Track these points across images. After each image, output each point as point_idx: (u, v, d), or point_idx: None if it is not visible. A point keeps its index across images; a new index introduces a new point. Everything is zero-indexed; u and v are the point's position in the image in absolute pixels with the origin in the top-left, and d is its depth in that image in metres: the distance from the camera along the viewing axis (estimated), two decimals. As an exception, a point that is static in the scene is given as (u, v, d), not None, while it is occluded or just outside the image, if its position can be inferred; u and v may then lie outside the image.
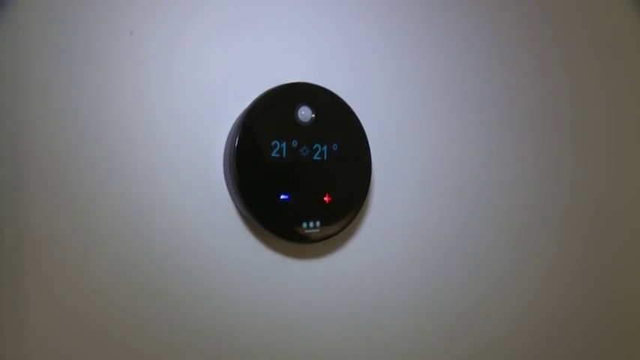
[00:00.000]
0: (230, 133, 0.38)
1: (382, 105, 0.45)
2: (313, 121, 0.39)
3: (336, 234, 0.40)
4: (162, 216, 0.36)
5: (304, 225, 0.38)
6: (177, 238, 0.37)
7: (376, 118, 0.44)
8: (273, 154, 0.38)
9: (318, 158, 0.39)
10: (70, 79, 0.34)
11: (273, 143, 0.38)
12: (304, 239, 0.39)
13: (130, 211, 0.36)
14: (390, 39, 0.45)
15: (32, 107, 0.33)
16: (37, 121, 0.33)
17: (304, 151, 0.39)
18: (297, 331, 0.41)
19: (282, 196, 0.38)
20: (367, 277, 0.43)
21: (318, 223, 0.39)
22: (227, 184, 0.38)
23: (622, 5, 0.59)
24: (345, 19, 0.43)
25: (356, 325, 0.43)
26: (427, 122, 0.47)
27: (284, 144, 0.38)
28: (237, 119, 0.38)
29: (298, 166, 0.38)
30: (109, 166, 0.35)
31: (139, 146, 0.36)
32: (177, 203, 0.37)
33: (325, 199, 0.39)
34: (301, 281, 0.41)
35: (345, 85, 0.42)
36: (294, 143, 0.38)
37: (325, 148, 0.40)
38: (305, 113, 0.39)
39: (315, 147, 0.39)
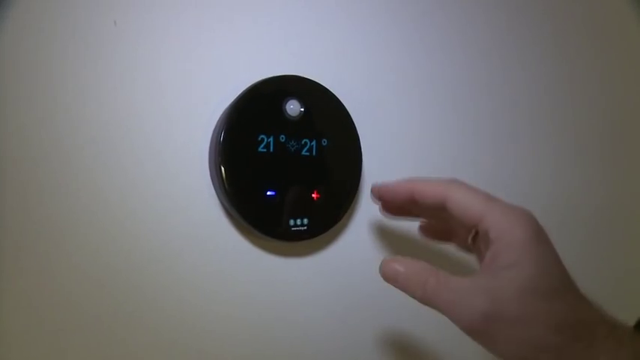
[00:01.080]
0: (216, 126, 0.37)
1: (374, 99, 0.44)
2: (302, 115, 0.38)
3: (324, 232, 0.39)
4: (145, 212, 0.35)
5: (291, 222, 0.37)
6: (161, 235, 0.36)
7: (367, 112, 0.42)
8: (260, 149, 0.36)
9: (307, 154, 0.38)
10: (50, 71, 0.33)
11: (260, 138, 0.36)
12: (291, 237, 0.38)
13: (112, 206, 0.34)
14: (383, 32, 0.44)
15: (10, 101, 0.32)
16: (15, 115, 0.32)
17: (292, 146, 0.38)
18: (283, 330, 0.40)
19: (268, 193, 0.37)
20: (355, 275, 0.42)
21: (305, 220, 0.38)
22: (212, 180, 0.37)
23: (622, 5, 0.58)
24: (336, 11, 0.42)
25: (344, 324, 0.42)
26: (420, 117, 0.46)
27: (271, 138, 0.37)
28: (223, 112, 0.37)
29: (286, 161, 0.37)
30: (90, 161, 0.34)
31: (121, 140, 0.35)
32: (161, 199, 0.36)
33: (313, 195, 0.38)
34: (288, 279, 0.40)
35: (335, 78, 0.41)
36: (282, 138, 0.37)
37: (314, 143, 0.38)
38: (293, 107, 0.38)
39: (303, 142, 0.38)
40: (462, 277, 0.29)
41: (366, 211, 0.43)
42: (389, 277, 0.32)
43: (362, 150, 0.41)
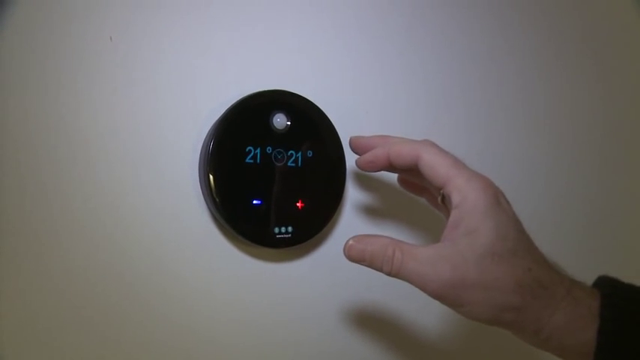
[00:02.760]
0: (206, 137, 0.39)
1: (358, 112, 0.45)
2: (288, 128, 0.40)
3: (307, 239, 0.41)
4: (136, 219, 0.37)
5: (276, 230, 0.39)
6: (151, 241, 0.37)
7: (352, 125, 0.44)
8: (247, 160, 0.38)
9: (293, 165, 0.40)
10: (47, 83, 0.35)
11: (248, 149, 0.38)
12: (276, 244, 0.39)
13: (104, 213, 0.36)
14: (368, 46, 0.46)
15: (8, 111, 0.34)
16: (12, 124, 0.34)
17: (278, 157, 0.39)
18: (268, 334, 0.41)
19: (254, 201, 0.38)
20: (338, 283, 0.44)
21: (290, 229, 0.40)
22: (201, 188, 0.39)
23: (622, 4, 0.58)
24: (322, 27, 0.44)
25: (327, 331, 0.43)
26: (404, 130, 0.47)
27: (258, 150, 0.39)
28: (213, 124, 0.39)
29: (272, 172, 0.39)
30: (84, 169, 0.36)
31: (114, 150, 0.36)
32: (152, 207, 0.37)
33: (298, 204, 0.40)
34: (272, 284, 0.41)
35: (321, 92, 0.42)
36: (269, 149, 0.39)
37: (300, 154, 0.40)
38: (280, 120, 0.40)
39: (289, 153, 0.40)
40: (425, 247, 0.31)
41: (349, 220, 0.44)
42: (355, 258, 0.33)
43: (346, 161, 0.42)
